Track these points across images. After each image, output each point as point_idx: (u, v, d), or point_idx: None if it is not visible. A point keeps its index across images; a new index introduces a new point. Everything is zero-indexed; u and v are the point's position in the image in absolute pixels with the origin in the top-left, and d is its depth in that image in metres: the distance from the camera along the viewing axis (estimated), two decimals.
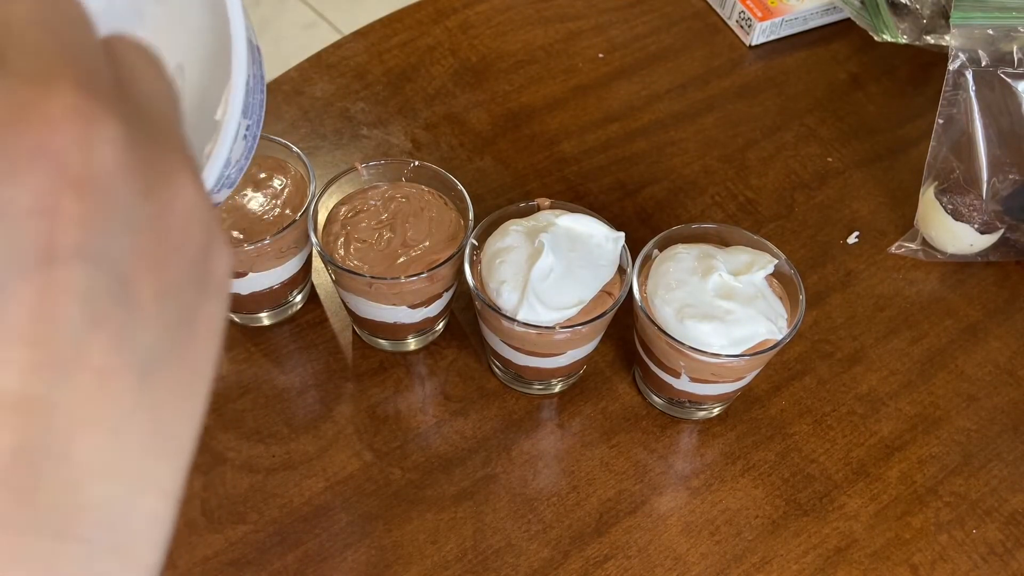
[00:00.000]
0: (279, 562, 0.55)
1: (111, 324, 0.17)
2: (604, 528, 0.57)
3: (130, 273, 0.18)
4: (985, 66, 0.63)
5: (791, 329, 0.55)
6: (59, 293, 0.17)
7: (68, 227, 0.17)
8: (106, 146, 0.17)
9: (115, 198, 0.18)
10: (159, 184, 0.18)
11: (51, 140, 0.17)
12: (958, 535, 0.58)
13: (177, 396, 0.19)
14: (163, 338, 0.19)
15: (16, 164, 0.17)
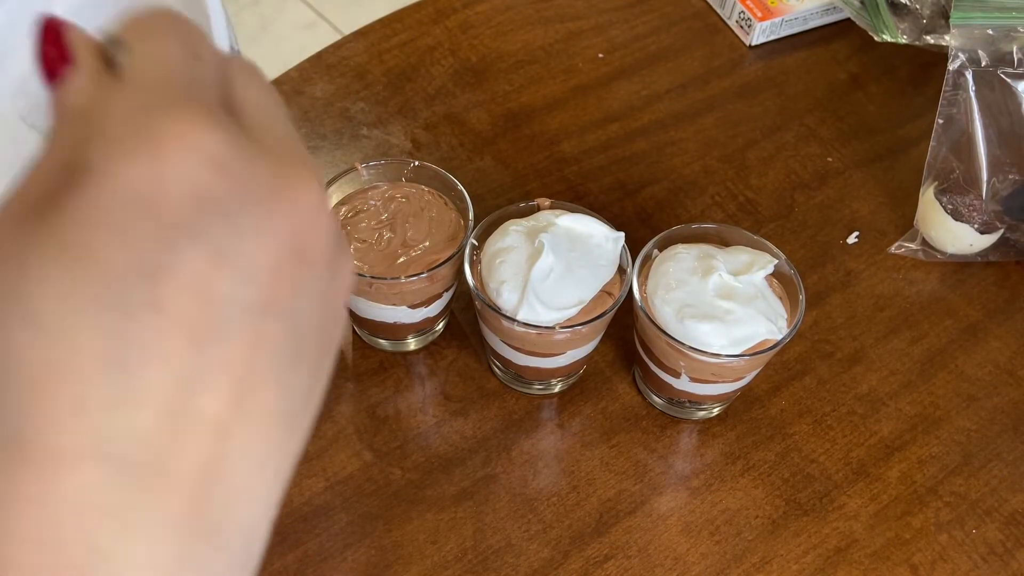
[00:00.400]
0: (279, 562, 0.55)
1: (284, 375, 0.21)
2: (604, 528, 0.57)
3: (305, 334, 0.22)
4: (985, 66, 0.63)
5: (791, 329, 0.55)
6: (264, 341, 0.21)
7: (286, 289, 0.21)
8: (327, 233, 0.22)
9: (318, 274, 0.22)
10: (337, 265, 0.23)
11: (295, 218, 0.21)
12: (958, 535, 0.58)
13: (301, 436, 0.23)
14: (308, 388, 0.23)
15: (264, 229, 0.21)
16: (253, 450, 0.21)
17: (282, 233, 0.21)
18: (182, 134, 0.20)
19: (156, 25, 0.23)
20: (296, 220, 0.21)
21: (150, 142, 0.20)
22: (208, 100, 0.22)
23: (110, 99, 0.22)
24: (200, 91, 0.22)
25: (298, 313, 0.22)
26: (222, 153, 0.21)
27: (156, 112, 0.21)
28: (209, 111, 0.21)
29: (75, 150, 0.21)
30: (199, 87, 0.22)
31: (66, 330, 0.19)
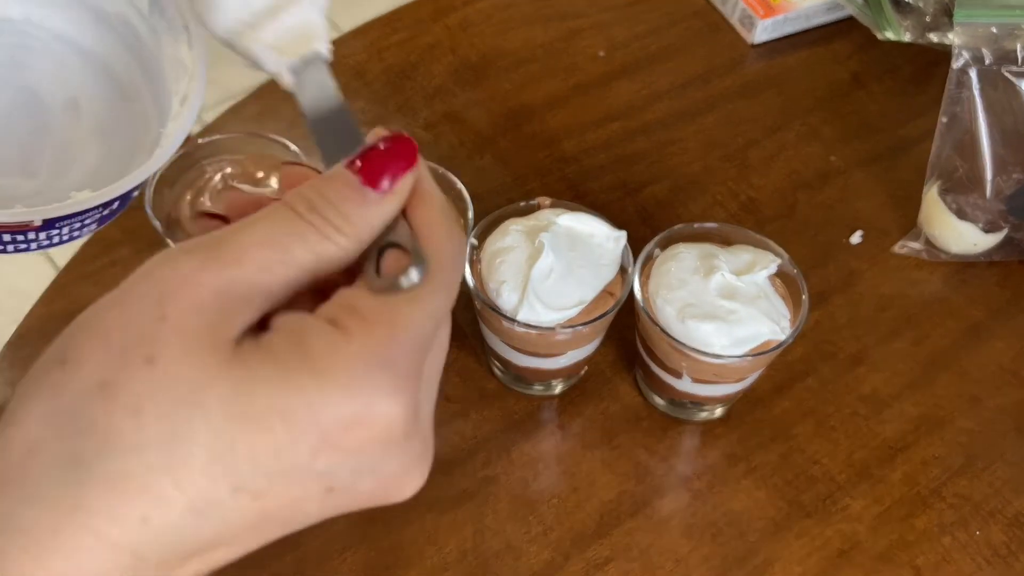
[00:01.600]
0: (277, 564, 0.55)
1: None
2: (605, 530, 0.57)
3: (355, 504, 0.28)
4: (989, 64, 0.63)
5: (794, 329, 0.55)
6: (270, 533, 0.28)
7: (309, 513, 0.27)
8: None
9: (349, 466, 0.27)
10: (395, 477, 0.28)
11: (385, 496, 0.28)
12: (962, 537, 0.57)
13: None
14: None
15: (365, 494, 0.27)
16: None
17: (377, 495, 0.28)
18: (382, 407, 0.25)
19: (455, 264, 0.28)
20: (397, 491, 0.29)
21: (358, 398, 0.25)
22: (416, 373, 0.26)
23: (357, 305, 0.26)
24: (416, 363, 0.26)
25: (352, 490, 0.28)
26: (397, 435, 0.26)
27: (378, 382, 0.25)
28: (414, 397, 0.26)
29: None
30: (417, 358, 0.27)
31: (189, 468, 0.24)
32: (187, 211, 0.58)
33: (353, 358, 0.25)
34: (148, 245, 0.68)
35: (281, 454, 0.24)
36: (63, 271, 0.66)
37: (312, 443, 0.25)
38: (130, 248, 0.68)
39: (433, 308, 0.27)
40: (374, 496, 0.27)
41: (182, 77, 0.50)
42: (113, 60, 0.53)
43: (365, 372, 0.25)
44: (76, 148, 0.51)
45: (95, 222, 0.47)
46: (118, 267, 0.66)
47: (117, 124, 0.52)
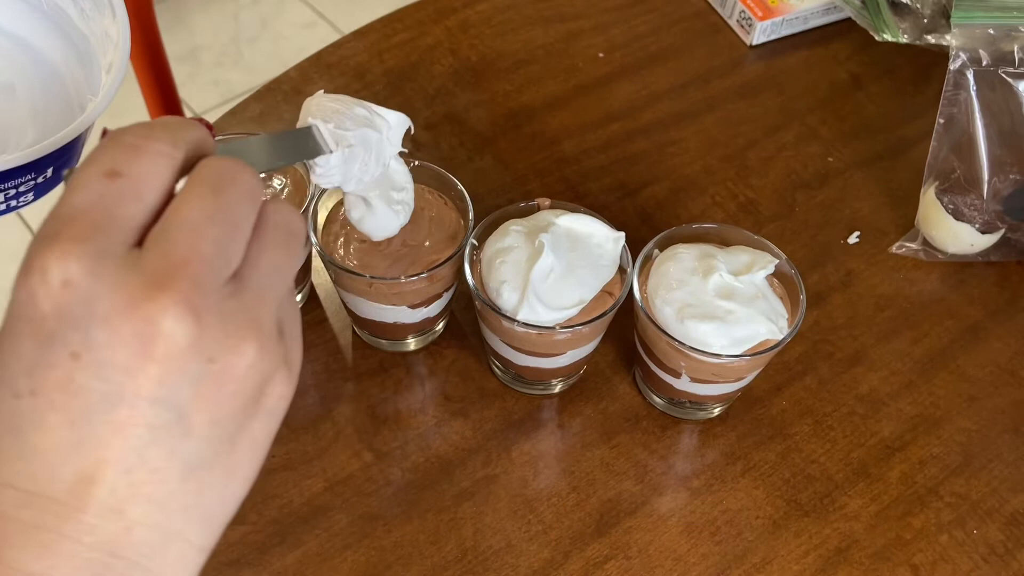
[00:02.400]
0: (279, 563, 0.55)
1: (164, 443, 0.27)
2: (604, 529, 0.57)
3: (188, 409, 0.27)
4: (986, 66, 0.63)
5: (792, 329, 0.55)
6: (133, 423, 0.26)
7: (140, 383, 0.26)
8: (182, 334, 0.26)
9: (182, 365, 0.26)
10: (223, 352, 0.27)
11: (149, 328, 0.26)
12: (959, 535, 0.58)
13: (214, 484, 0.28)
14: (206, 450, 0.28)
15: (121, 338, 0.26)
16: (142, 493, 0.27)
17: (128, 341, 0.26)
18: (44, 263, 0.26)
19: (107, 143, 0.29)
20: (138, 329, 0.26)
21: (27, 268, 0.26)
22: (90, 230, 0.27)
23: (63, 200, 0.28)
24: (98, 221, 0.27)
25: (169, 398, 0.27)
26: (74, 275, 0.26)
27: (36, 242, 0.27)
28: (78, 239, 0.26)
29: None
30: (87, 218, 0.27)
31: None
32: None
33: (29, 246, 0.27)
34: None
35: (15, 349, 0.27)
36: None
37: (23, 326, 0.26)
38: None
39: (86, 166, 0.28)
40: (129, 343, 0.26)
41: (108, 48, 0.52)
42: (46, 45, 0.55)
43: (29, 247, 0.27)
44: (13, 131, 0.53)
45: (30, 191, 0.49)
46: None
47: (52, 105, 0.54)
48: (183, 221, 0.27)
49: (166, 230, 0.27)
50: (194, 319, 0.26)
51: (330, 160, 0.47)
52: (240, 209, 0.29)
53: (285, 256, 0.30)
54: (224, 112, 0.78)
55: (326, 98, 0.49)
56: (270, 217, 0.30)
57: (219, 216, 0.28)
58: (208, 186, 0.28)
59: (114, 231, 0.27)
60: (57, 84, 0.55)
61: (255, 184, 0.29)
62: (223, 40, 1.90)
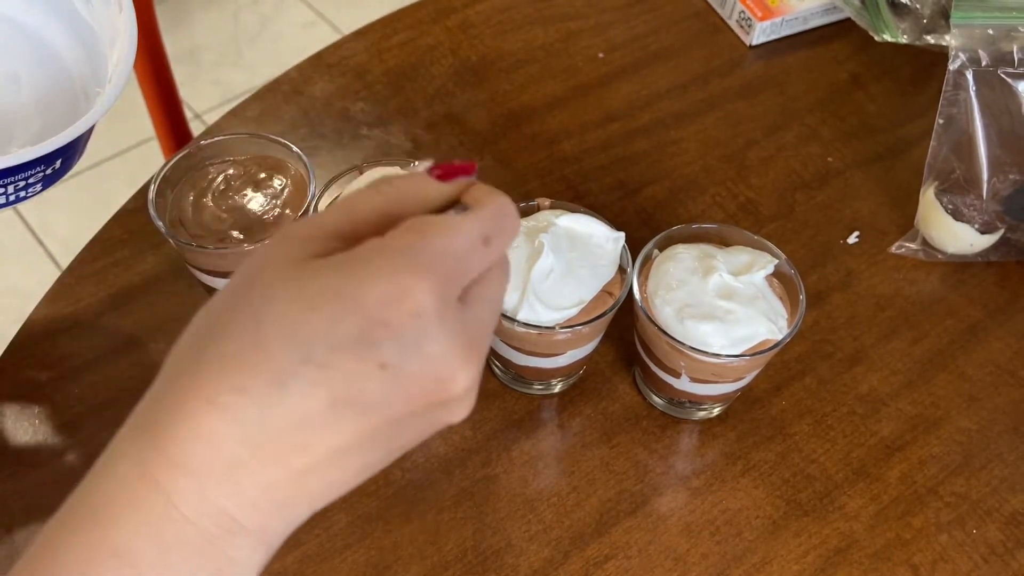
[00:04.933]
0: (279, 563, 0.55)
1: (369, 452, 0.31)
2: (604, 528, 0.57)
3: (407, 440, 0.32)
4: (985, 66, 0.63)
5: (791, 329, 0.55)
6: (367, 430, 0.30)
7: (407, 413, 0.30)
8: (464, 407, 0.32)
9: (439, 417, 0.32)
10: (462, 413, 0.32)
11: (446, 385, 0.31)
12: (958, 535, 0.58)
13: (367, 475, 0.32)
14: (384, 457, 0.32)
15: (426, 377, 0.30)
16: (327, 482, 0.31)
17: (427, 381, 0.30)
18: (411, 284, 0.30)
19: (496, 214, 0.33)
20: (444, 378, 0.30)
21: (392, 277, 0.30)
22: (450, 273, 0.31)
23: (413, 230, 0.31)
24: (453, 266, 0.31)
25: (403, 424, 0.31)
26: (427, 309, 0.30)
27: (408, 265, 0.30)
28: (440, 280, 0.30)
29: (357, 238, 0.32)
30: (455, 265, 0.31)
31: (272, 344, 0.29)
32: (189, 212, 0.58)
33: (391, 249, 0.30)
34: (151, 246, 0.68)
35: (335, 327, 0.29)
36: (66, 271, 0.67)
37: (358, 316, 0.29)
38: (132, 249, 0.68)
39: (466, 227, 0.32)
40: (425, 382, 0.30)
41: (115, 41, 0.52)
42: (51, 35, 0.55)
43: (400, 257, 0.30)
44: (18, 121, 0.53)
45: (39, 182, 0.49)
46: (120, 267, 0.67)
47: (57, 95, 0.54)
48: (494, 298, 0.33)
49: (486, 301, 0.33)
50: (473, 395, 0.32)
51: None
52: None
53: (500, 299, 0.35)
54: (224, 112, 0.78)
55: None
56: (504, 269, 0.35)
57: (499, 306, 0.34)
58: (505, 271, 0.35)
59: (460, 285, 0.32)
60: (62, 75, 0.55)
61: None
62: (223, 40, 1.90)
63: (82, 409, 0.60)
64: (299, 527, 0.57)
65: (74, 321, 0.64)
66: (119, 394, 0.61)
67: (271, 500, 0.30)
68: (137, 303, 0.65)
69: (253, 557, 0.31)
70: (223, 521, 0.30)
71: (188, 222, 0.58)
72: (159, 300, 0.66)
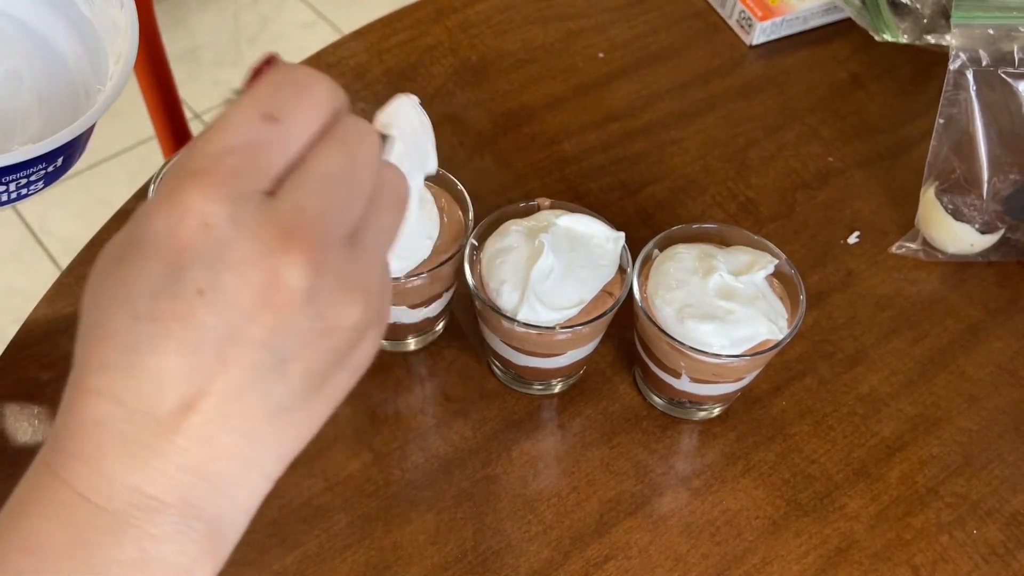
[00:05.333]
0: (278, 563, 0.55)
1: (262, 384, 0.29)
2: (604, 529, 0.57)
3: (290, 357, 0.29)
4: (986, 66, 0.63)
5: (792, 329, 0.55)
6: (239, 362, 0.28)
7: (254, 328, 0.28)
8: (302, 288, 0.28)
9: (295, 316, 0.28)
10: (333, 308, 0.29)
11: (274, 278, 0.28)
12: (959, 536, 0.58)
13: (293, 426, 0.30)
14: (295, 396, 0.29)
15: (247, 284, 0.27)
16: (233, 426, 0.29)
17: (253, 287, 0.28)
18: (187, 199, 0.27)
19: (271, 83, 0.30)
20: (265, 278, 0.27)
21: (170, 199, 0.28)
22: (238, 173, 0.28)
23: (196, 145, 0.29)
24: (241, 162, 0.28)
25: (274, 344, 0.28)
26: (213, 218, 0.27)
27: (180, 179, 0.28)
28: (217, 179, 0.28)
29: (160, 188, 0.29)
30: (244, 159, 0.28)
31: (107, 314, 0.28)
32: None
33: (168, 173, 0.29)
34: None
35: (142, 273, 0.28)
36: (65, 271, 0.67)
37: (154, 253, 0.28)
38: None
39: (233, 113, 0.29)
40: (251, 288, 0.27)
41: (116, 38, 0.52)
42: (52, 31, 0.55)
43: (172, 175, 0.28)
44: (19, 117, 0.53)
45: (41, 179, 0.49)
46: None
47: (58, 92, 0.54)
48: (318, 177, 0.29)
49: (302, 184, 0.29)
50: (315, 275, 0.28)
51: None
52: (367, 172, 0.31)
53: (395, 220, 0.32)
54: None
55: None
56: (387, 182, 0.32)
57: (349, 175, 0.30)
58: (343, 145, 0.30)
59: (256, 177, 0.28)
60: (63, 72, 0.55)
61: (379, 147, 0.32)
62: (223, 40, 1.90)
63: None
64: (298, 528, 0.57)
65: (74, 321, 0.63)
66: None
67: (182, 468, 0.28)
68: None
69: (185, 533, 0.29)
70: (137, 499, 0.28)
71: None
72: None
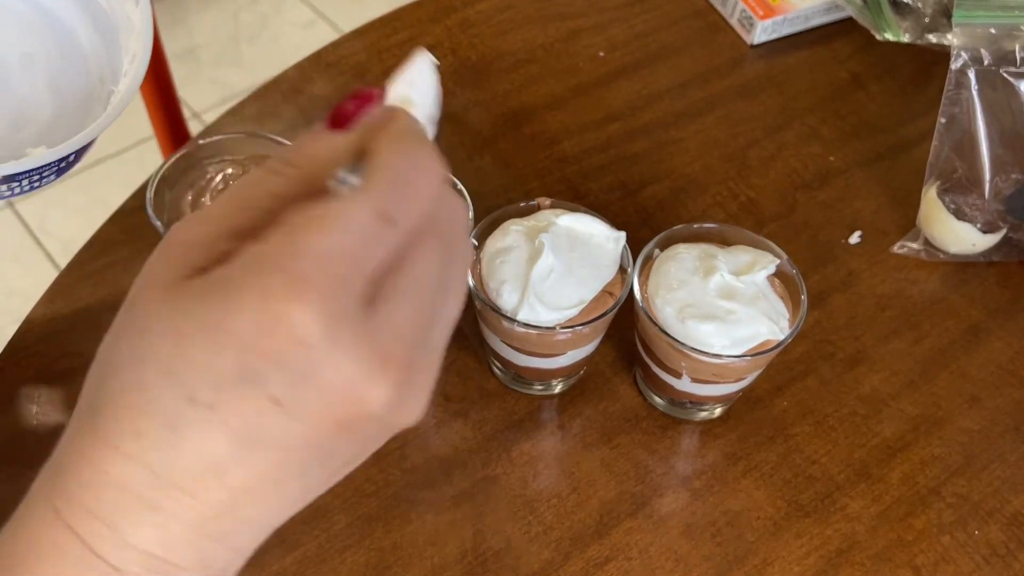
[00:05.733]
0: (278, 564, 0.55)
1: (305, 480, 0.30)
2: (605, 529, 0.57)
3: (315, 444, 0.28)
4: (987, 65, 0.63)
5: (793, 329, 0.55)
6: (278, 467, 0.28)
7: (311, 447, 0.27)
8: (379, 416, 0.27)
9: (364, 435, 0.29)
10: (398, 423, 0.28)
11: (355, 408, 0.27)
12: (960, 536, 0.58)
13: (320, 491, 0.31)
14: (332, 473, 0.31)
15: (325, 407, 0.26)
16: (267, 507, 0.29)
17: (334, 405, 0.26)
18: (285, 309, 0.25)
19: (393, 178, 0.27)
20: (353, 398, 0.26)
21: (264, 303, 0.25)
22: (340, 283, 0.26)
23: (290, 213, 0.27)
24: (344, 271, 0.26)
25: (329, 447, 0.28)
26: (311, 338, 0.25)
27: (281, 285, 0.25)
28: (326, 296, 0.25)
29: (236, 241, 0.27)
30: (347, 267, 0.26)
31: (155, 385, 0.26)
32: (188, 212, 0.58)
33: (261, 263, 0.26)
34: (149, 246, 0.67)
35: (212, 363, 0.26)
36: (64, 271, 0.66)
37: (233, 350, 0.26)
38: (131, 249, 0.68)
39: (352, 212, 0.26)
40: (330, 407, 0.26)
41: (131, 36, 0.52)
42: (68, 17, 0.55)
43: (269, 274, 0.25)
44: (32, 103, 0.53)
45: (53, 174, 0.50)
46: (118, 267, 0.67)
47: (71, 80, 0.54)
48: (418, 288, 0.28)
49: (403, 297, 0.27)
50: (400, 399, 0.27)
51: None
52: (461, 271, 0.31)
53: (458, 309, 0.33)
54: (223, 112, 0.78)
55: None
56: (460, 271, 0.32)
57: (444, 279, 0.30)
58: (446, 247, 0.29)
59: (359, 284, 0.26)
60: (79, 60, 0.54)
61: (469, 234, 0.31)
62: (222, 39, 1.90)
63: None
64: (298, 528, 0.57)
65: (72, 321, 0.63)
66: None
67: (203, 535, 0.28)
68: None
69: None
70: (151, 563, 0.28)
71: None
72: None
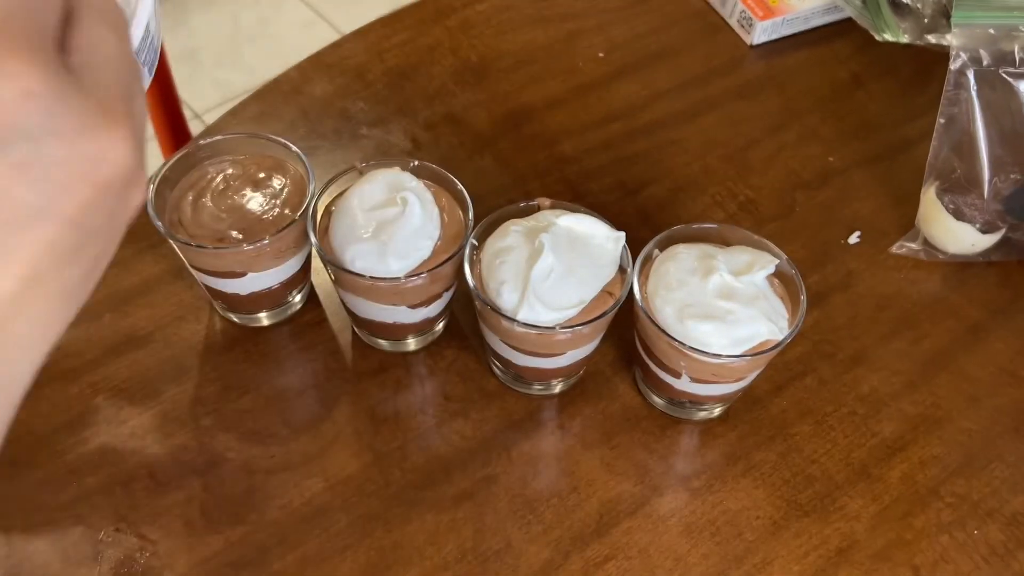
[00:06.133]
0: (279, 563, 0.55)
1: (65, 268, 0.27)
2: (604, 529, 0.57)
3: (95, 237, 0.27)
4: (986, 65, 0.63)
5: (792, 329, 0.55)
6: (45, 241, 0.26)
7: (72, 204, 0.26)
8: (122, 169, 0.26)
9: (110, 195, 0.27)
10: (139, 188, 0.28)
11: (93, 152, 0.26)
12: (960, 536, 0.58)
13: (75, 309, 0.30)
14: (85, 277, 0.29)
15: (76, 158, 0.25)
16: (35, 320, 0.28)
17: (77, 162, 0.26)
18: (3, 58, 0.24)
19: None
20: (93, 153, 0.26)
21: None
22: (37, 35, 0.25)
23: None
24: (33, 25, 0.25)
25: (84, 224, 0.27)
26: (37, 86, 0.24)
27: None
28: (33, 47, 0.25)
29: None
30: (34, 20, 0.25)
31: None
32: (189, 211, 0.58)
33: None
34: (150, 245, 0.68)
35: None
36: None
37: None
38: (132, 248, 0.68)
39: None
40: (81, 166, 0.26)
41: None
42: None
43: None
44: None
45: None
46: (119, 267, 0.67)
47: None
48: (100, 45, 0.27)
49: (91, 55, 0.27)
50: (139, 153, 0.27)
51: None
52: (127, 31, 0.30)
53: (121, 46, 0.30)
54: (224, 112, 0.78)
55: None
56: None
57: (123, 31, 0.29)
58: (111, 15, 0.29)
59: (48, 39, 0.26)
60: None
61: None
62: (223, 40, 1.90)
63: (81, 409, 0.60)
64: (299, 527, 0.57)
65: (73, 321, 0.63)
66: (118, 394, 0.61)
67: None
68: (136, 303, 0.65)
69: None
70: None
71: (187, 222, 0.58)
72: (158, 300, 0.66)
